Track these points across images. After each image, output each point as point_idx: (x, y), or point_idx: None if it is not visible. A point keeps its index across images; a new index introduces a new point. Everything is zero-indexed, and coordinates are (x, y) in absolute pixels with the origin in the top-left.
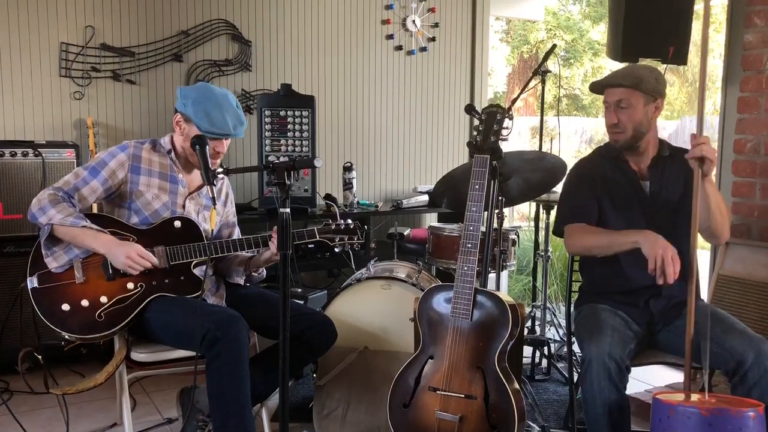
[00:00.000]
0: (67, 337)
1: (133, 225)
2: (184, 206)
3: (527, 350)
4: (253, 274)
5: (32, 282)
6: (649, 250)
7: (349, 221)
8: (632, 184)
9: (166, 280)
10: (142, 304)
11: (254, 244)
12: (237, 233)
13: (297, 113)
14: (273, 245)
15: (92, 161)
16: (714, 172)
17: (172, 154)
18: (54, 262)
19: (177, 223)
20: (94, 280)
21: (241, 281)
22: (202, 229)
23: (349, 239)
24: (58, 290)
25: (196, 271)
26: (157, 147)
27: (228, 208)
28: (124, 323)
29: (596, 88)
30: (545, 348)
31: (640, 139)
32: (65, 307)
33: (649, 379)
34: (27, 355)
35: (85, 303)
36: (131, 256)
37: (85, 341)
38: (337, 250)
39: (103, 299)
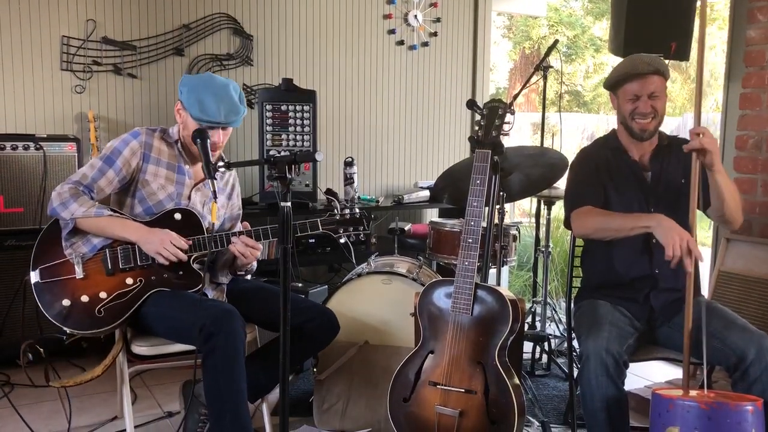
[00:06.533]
0: (68, 332)
1: (135, 216)
2: (189, 197)
3: (527, 346)
4: (238, 273)
5: (34, 276)
6: (664, 237)
7: (356, 210)
8: (634, 174)
9: (165, 275)
10: (141, 299)
11: (256, 237)
12: (239, 227)
13: (298, 108)
14: (237, 244)
15: (106, 150)
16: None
17: (179, 144)
18: (74, 252)
19: (177, 216)
20: (93, 276)
21: (226, 280)
22: (204, 221)
23: (355, 230)
24: (58, 285)
25: (195, 265)
26: (166, 136)
27: (233, 201)
28: (123, 319)
29: (626, 77)
30: (545, 343)
31: (660, 125)
32: (65, 302)
33: (649, 375)
34: (29, 348)
35: (84, 299)
36: (166, 246)
37: (85, 336)
38: (342, 240)
39: (103, 295)
